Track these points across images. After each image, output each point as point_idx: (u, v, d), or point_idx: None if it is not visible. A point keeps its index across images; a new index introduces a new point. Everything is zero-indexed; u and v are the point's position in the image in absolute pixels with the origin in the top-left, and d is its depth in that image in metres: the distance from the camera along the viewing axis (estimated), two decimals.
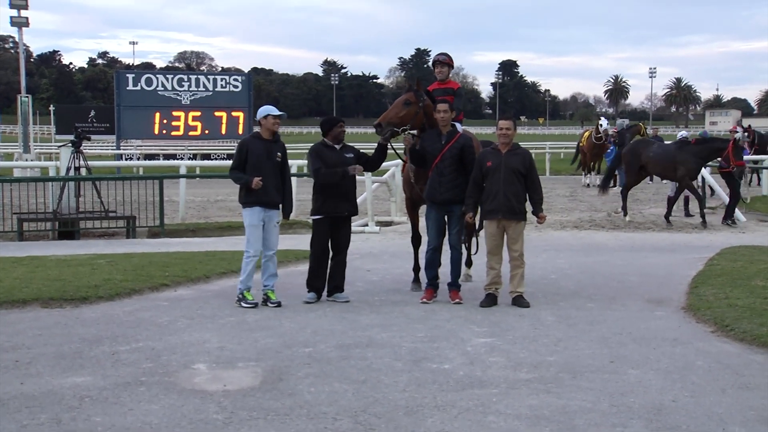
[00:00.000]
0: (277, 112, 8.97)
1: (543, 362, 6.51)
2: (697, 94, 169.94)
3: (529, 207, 9.07)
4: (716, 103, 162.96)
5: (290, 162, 25.07)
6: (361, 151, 9.47)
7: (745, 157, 20.14)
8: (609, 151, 24.63)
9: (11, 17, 23.80)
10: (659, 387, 5.88)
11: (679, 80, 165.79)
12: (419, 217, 9.74)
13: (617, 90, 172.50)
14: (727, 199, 17.84)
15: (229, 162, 10.99)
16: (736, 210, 17.43)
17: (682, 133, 20.13)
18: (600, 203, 21.16)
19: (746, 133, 24.89)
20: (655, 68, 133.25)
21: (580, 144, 29.13)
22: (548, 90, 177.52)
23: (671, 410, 5.37)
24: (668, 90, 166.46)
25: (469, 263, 10.09)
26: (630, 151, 18.09)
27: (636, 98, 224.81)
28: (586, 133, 28.84)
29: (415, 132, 9.13)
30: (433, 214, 9.00)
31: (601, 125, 27.58)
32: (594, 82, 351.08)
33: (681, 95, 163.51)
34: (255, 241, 8.75)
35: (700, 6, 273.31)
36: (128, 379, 5.98)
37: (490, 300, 8.73)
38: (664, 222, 16.84)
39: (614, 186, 26.08)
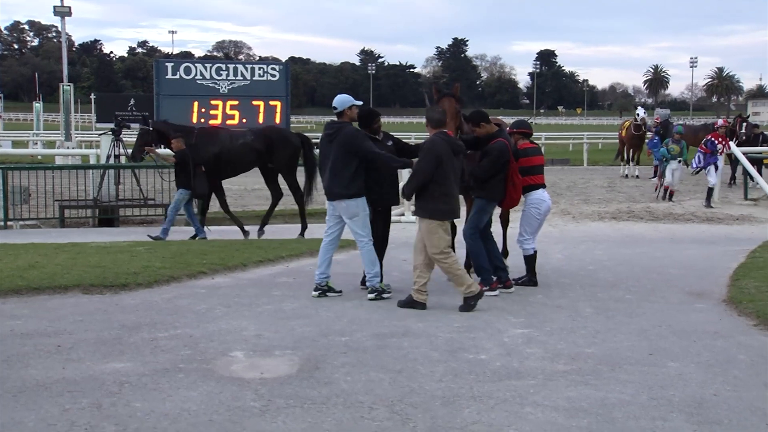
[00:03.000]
0: (358, 102, 8.80)
1: (581, 354, 6.45)
2: (739, 84, 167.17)
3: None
4: (759, 93, 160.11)
5: None
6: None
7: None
8: (655, 141, 24.20)
9: (54, 7, 24.09)
10: (700, 380, 5.79)
11: (720, 70, 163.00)
12: None
13: (657, 80, 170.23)
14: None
15: None
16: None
17: None
18: (639, 194, 20.95)
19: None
20: (696, 58, 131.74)
21: (621, 134, 28.79)
22: (586, 80, 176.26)
23: (713, 404, 5.30)
24: (709, 80, 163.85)
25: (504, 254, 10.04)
26: None
27: (676, 88, 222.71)
28: (626, 123, 28.48)
29: None
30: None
31: (638, 115, 27.28)
32: (633, 72, 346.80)
33: (722, 85, 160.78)
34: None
35: None
36: (167, 366, 6.04)
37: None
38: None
39: (655, 176, 25.78)
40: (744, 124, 25.43)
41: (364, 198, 8.55)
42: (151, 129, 13.47)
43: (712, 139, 18.92)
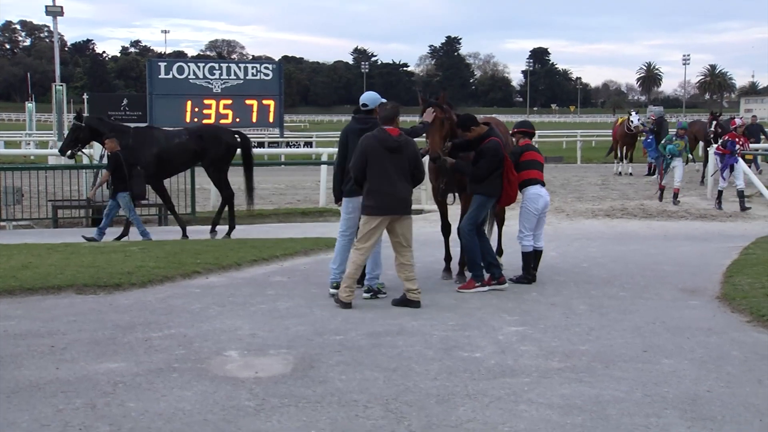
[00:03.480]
0: (383, 100, 8.72)
1: (575, 351, 6.46)
2: (732, 81, 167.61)
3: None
4: (752, 90, 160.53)
5: (321, 150, 25.11)
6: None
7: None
8: (650, 140, 24.18)
9: (46, 6, 24.00)
10: (694, 377, 5.81)
11: (713, 67, 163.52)
12: (447, 206, 9.69)
13: (650, 77, 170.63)
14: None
15: (259, 150, 11.03)
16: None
17: None
18: (632, 192, 20.97)
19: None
20: (689, 55, 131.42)
21: (615, 132, 28.77)
22: (580, 78, 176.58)
23: (706, 400, 5.31)
24: (702, 77, 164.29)
25: (499, 252, 10.07)
26: None
27: (669, 86, 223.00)
28: (620, 120, 28.48)
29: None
30: None
31: (632, 121, 26.90)
32: (626, 69, 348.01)
33: (715, 82, 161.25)
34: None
35: None
36: (161, 366, 6.03)
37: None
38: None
39: (649, 174, 25.78)
40: (714, 122, 24.71)
41: None
42: (83, 125, 13.10)
43: (731, 139, 18.05)
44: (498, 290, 8.81)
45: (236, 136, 13.90)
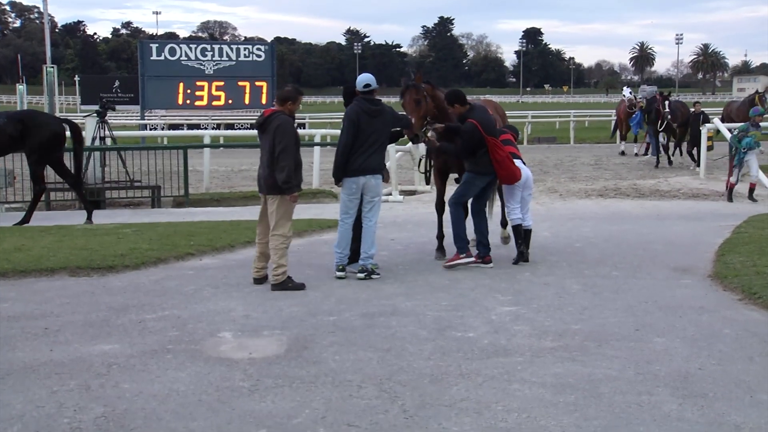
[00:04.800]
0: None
1: (568, 330, 6.49)
2: (725, 60, 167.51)
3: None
4: (744, 69, 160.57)
5: (314, 131, 24.99)
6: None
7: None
8: (636, 117, 24.18)
9: None
10: (686, 355, 5.84)
11: (706, 46, 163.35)
12: (445, 185, 9.76)
13: (643, 57, 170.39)
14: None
15: (253, 131, 10.90)
16: None
17: None
18: (626, 171, 21.01)
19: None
20: (681, 35, 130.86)
21: (619, 112, 28.71)
22: (573, 58, 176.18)
23: (698, 378, 5.35)
24: (695, 57, 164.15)
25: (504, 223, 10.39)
26: None
27: (662, 65, 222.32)
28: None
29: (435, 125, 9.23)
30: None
31: (624, 96, 27.07)
32: (619, 49, 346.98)
33: (708, 62, 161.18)
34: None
35: None
36: (155, 347, 6.04)
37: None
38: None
39: (646, 154, 25.80)
40: (666, 102, 22.87)
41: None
42: None
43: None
44: (488, 269, 8.87)
45: (64, 124, 13.21)
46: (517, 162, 9.38)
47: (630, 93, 27.24)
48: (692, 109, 22.40)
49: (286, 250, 8.06)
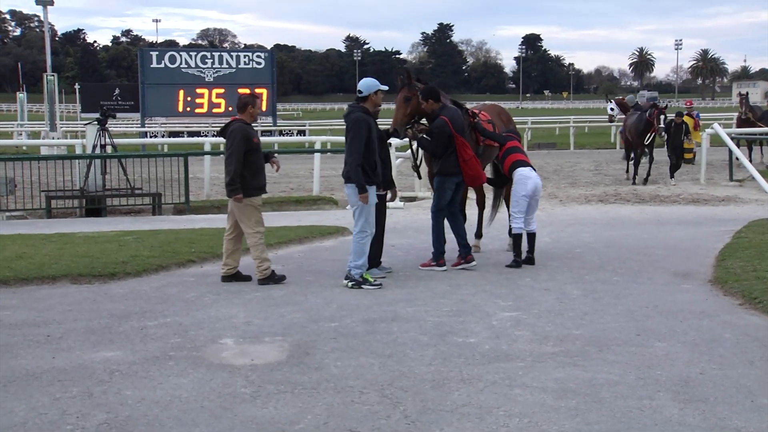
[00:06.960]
0: (384, 87, 8.70)
1: (569, 336, 6.50)
2: (724, 65, 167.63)
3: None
4: (744, 75, 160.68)
5: (315, 138, 25.04)
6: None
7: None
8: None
9: None
10: (686, 360, 5.85)
11: (705, 52, 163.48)
12: None
13: (642, 63, 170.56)
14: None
15: None
16: None
17: None
18: (625, 177, 21.00)
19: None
20: (681, 40, 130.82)
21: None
22: (572, 64, 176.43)
23: (699, 383, 5.35)
24: (694, 62, 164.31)
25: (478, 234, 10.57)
26: None
27: (661, 71, 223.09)
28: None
29: (424, 121, 9.32)
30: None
31: (612, 110, 25.64)
32: (619, 55, 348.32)
33: (707, 67, 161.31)
34: (374, 222, 8.58)
35: None
36: (157, 354, 6.05)
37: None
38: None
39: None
40: (662, 117, 21.09)
41: (370, 187, 8.45)
42: None
43: None
44: (488, 275, 8.91)
45: None
46: (528, 170, 9.42)
47: (611, 110, 25.67)
48: (672, 117, 21.28)
49: (263, 245, 8.53)
